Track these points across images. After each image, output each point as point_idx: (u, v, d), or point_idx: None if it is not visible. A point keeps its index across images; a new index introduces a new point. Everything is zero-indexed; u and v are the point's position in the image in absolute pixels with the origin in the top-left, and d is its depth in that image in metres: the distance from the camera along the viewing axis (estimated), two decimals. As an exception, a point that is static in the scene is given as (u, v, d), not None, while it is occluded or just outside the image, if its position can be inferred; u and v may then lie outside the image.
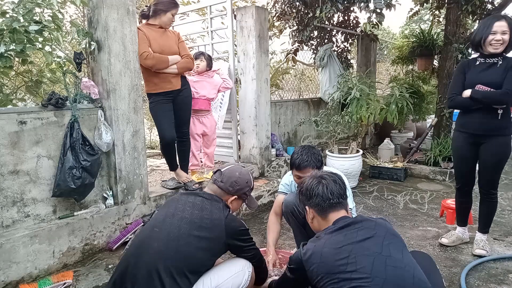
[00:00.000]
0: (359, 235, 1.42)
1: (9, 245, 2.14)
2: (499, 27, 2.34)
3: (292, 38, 5.57)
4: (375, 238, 1.41)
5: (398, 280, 1.30)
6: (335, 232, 1.47)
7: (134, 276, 1.53)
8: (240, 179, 1.85)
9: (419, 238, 2.93)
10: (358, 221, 1.49)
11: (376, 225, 1.48)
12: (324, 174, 1.69)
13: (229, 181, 1.83)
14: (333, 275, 1.34)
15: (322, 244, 1.44)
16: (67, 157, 2.38)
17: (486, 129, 2.47)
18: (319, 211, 1.60)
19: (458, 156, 2.68)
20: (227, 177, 1.84)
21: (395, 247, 1.41)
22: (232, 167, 1.91)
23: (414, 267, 1.37)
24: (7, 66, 2.23)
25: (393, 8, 4.26)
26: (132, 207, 2.83)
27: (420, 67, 5.77)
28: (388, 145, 5.45)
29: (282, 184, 2.50)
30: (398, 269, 1.32)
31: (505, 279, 2.31)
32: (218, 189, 1.83)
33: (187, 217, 1.64)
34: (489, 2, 4.67)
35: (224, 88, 3.77)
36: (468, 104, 2.48)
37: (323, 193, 1.58)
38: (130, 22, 2.70)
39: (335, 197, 1.58)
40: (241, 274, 1.74)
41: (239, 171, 1.89)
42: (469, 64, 2.56)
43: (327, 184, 1.60)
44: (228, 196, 1.84)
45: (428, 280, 1.37)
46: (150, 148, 6.16)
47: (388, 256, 1.35)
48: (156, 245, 1.57)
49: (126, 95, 2.72)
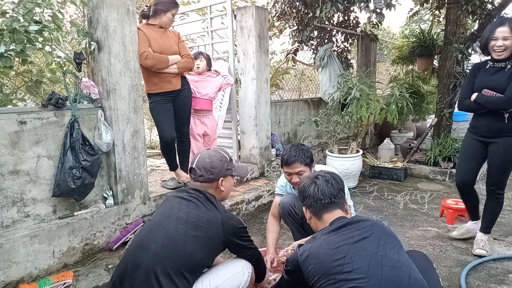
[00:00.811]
0: (355, 235, 1.42)
1: (9, 245, 2.14)
2: (500, 32, 2.35)
3: (292, 38, 5.57)
4: (371, 238, 1.42)
5: (394, 280, 1.30)
6: (331, 232, 1.47)
7: (133, 278, 1.53)
8: (213, 162, 1.79)
9: (419, 238, 2.93)
10: (355, 222, 1.49)
11: (373, 225, 1.48)
12: (319, 174, 1.69)
13: (205, 170, 1.77)
14: (329, 276, 1.34)
15: (319, 244, 1.44)
16: (67, 157, 2.38)
17: (493, 131, 2.51)
18: (313, 212, 1.62)
19: (465, 152, 2.71)
20: (201, 168, 1.78)
21: (391, 247, 1.41)
22: (199, 157, 1.82)
23: (410, 267, 1.37)
24: (7, 66, 2.23)
25: (393, 8, 4.26)
26: (132, 207, 2.83)
27: (420, 67, 5.77)
28: (388, 145, 5.45)
29: (277, 186, 2.51)
30: (395, 269, 1.33)
31: (505, 279, 2.31)
32: (203, 184, 1.79)
33: (183, 216, 1.63)
34: (489, 2, 4.67)
35: (226, 85, 3.76)
36: (474, 108, 2.54)
37: (314, 194, 1.60)
38: (130, 22, 2.70)
39: (326, 198, 1.58)
40: (241, 275, 1.74)
41: (207, 155, 1.81)
42: (480, 68, 2.59)
43: (319, 184, 1.61)
44: (215, 183, 1.80)
45: (424, 279, 1.37)
46: (150, 148, 6.16)
47: (384, 256, 1.35)
48: (153, 246, 1.56)
49: (126, 95, 2.72)
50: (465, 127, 2.94)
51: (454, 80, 4.77)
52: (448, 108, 4.87)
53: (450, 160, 4.59)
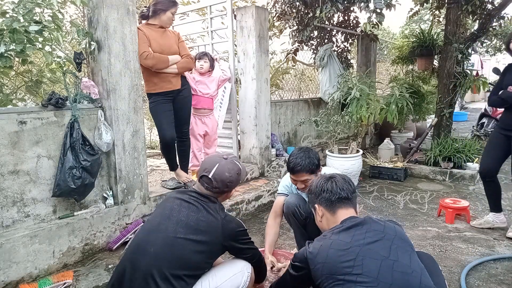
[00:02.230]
0: (367, 237, 1.40)
1: (9, 245, 2.14)
2: None
3: (292, 38, 5.57)
4: (383, 241, 1.39)
5: (404, 286, 1.28)
6: (342, 232, 1.45)
7: (131, 281, 1.53)
8: (231, 176, 1.78)
9: (419, 238, 2.93)
10: (367, 222, 1.46)
11: (385, 227, 1.45)
12: (333, 174, 1.71)
13: (224, 184, 1.76)
14: (338, 277, 1.32)
15: (329, 244, 1.41)
16: (67, 157, 2.38)
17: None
18: (328, 206, 1.59)
19: (490, 144, 2.96)
20: (219, 181, 1.75)
21: (403, 252, 1.38)
22: (218, 168, 1.76)
23: (422, 273, 1.34)
24: (7, 66, 2.23)
25: (393, 8, 4.26)
26: (132, 207, 2.83)
27: (420, 67, 5.77)
28: (388, 145, 5.45)
29: (282, 186, 2.48)
30: (405, 275, 1.30)
31: (505, 279, 2.31)
32: (214, 194, 1.78)
33: (183, 219, 1.62)
34: (489, 2, 4.67)
35: (223, 80, 3.77)
36: (499, 103, 2.84)
37: (332, 188, 1.59)
38: (130, 22, 2.70)
39: (344, 192, 1.58)
40: (240, 276, 1.73)
41: (227, 169, 1.77)
42: (510, 67, 2.86)
43: (336, 181, 1.62)
44: (227, 194, 1.85)
45: (432, 283, 1.35)
46: (150, 148, 6.16)
47: (395, 261, 1.33)
48: (152, 250, 1.56)
49: (126, 95, 2.72)
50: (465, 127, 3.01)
51: (454, 80, 4.77)
52: (448, 108, 4.87)
53: (450, 160, 4.59)
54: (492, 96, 2.90)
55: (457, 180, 4.42)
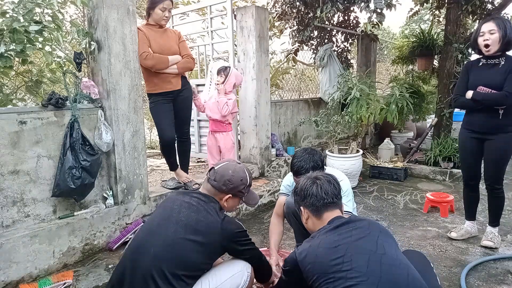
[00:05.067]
0: (354, 234, 1.43)
1: (9, 245, 2.14)
2: (486, 27, 2.46)
3: (292, 38, 5.57)
4: (369, 237, 1.43)
5: (393, 278, 1.31)
6: (330, 231, 1.48)
7: (131, 281, 1.53)
8: (233, 177, 1.77)
9: (419, 238, 2.93)
10: (352, 221, 1.51)
11: (370, 224, 1.50)
12: (318, 174, 1.69)
13: (222, 180, 1.76)
14: (328, 275, 1.34)
15: (317, 244, 1.44)
16: (67, 157, 2.37)
17: (488, 127, 2.56)
18: (314, 211, 1.60)
19: (464, 149, 2.78)
20: (220, 175, 1.76)
21: (389, 246, 1.42)
22: (226, 165, 1.82)
23: (408, 265, 1.39)
24: (7, 66, 2.23)
25: (393, 8, 4.26)
26: (132, 207, 2.83)
27: (420, 67, 5.77)
28: (388, 145, 5.45)
29: (283, 186, 2.48)
30: (393, 267, 1.33)
31: (505, 279, 2.31)
32: (212, 188, 1.77)
33: (183, 220, 1.62)
34: (489, 2, 4.67)
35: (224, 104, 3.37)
36: (470, 105, 2.59)
37: (317, 193, 1.59)
38: (130, 22, 2.70)
39: (329, 197, 1.58)
40: (240, 275, 1.73)
41: (233, 168, 1.79)
42: (473, 65, 2.66)
43: (321, 184, 1.60)
44: (222, 195, 1.77)
45: (422, 278, 1.38)
46: (150, 148, 6.16)
47: (383, 254, 1.36)
48: (152, 250, 1.56)
49: (126, 95, 2.72)
50: (465, 127, 2.95)
51: (454, 80, 4.76)
52: (448, 108, 4.87)
53: (450, 160, 4.59)
54: (460, 97, 2.64)
55: (457, 180, 4.41)
